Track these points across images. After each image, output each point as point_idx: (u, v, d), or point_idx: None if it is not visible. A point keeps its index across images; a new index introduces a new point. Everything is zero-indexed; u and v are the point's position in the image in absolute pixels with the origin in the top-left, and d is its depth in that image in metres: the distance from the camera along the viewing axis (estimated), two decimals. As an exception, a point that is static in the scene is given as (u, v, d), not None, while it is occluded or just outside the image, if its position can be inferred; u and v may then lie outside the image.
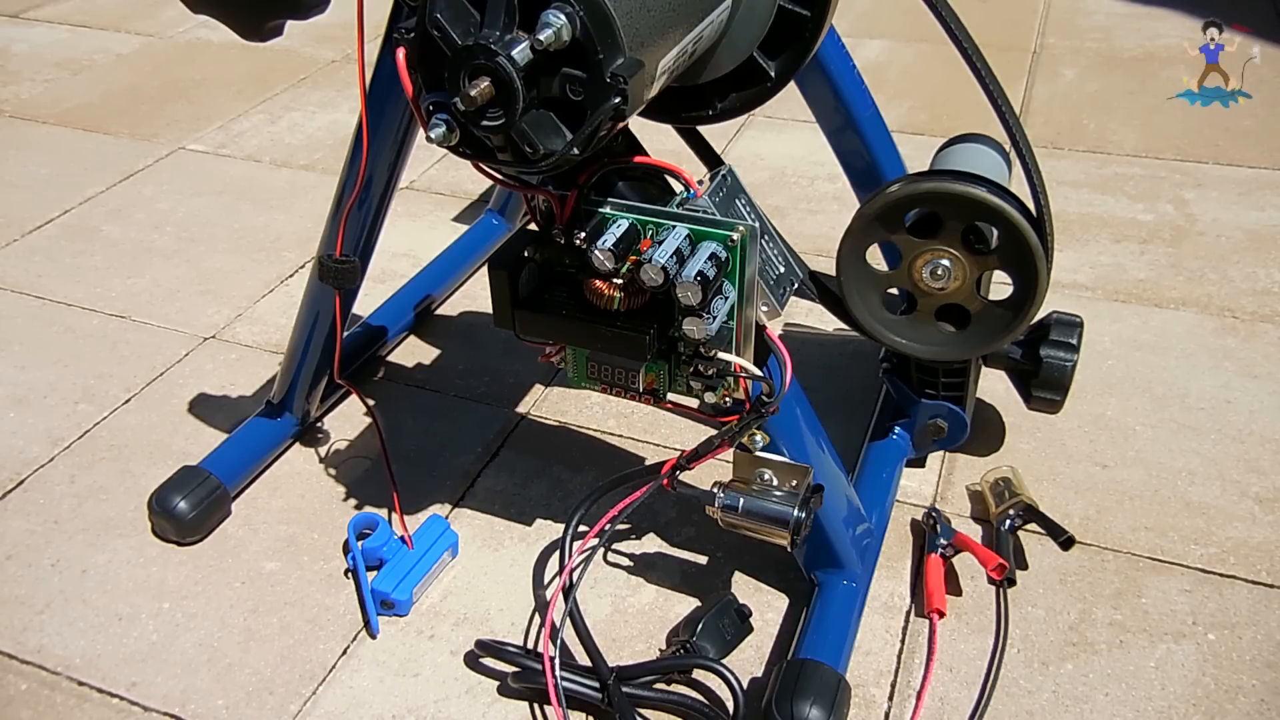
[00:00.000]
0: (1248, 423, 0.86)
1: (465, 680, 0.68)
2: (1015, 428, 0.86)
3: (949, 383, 0.77)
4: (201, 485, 0.79)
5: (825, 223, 1.18)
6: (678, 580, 0.75)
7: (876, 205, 0.64)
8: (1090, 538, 0.76)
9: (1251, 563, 0.74)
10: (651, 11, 0.40)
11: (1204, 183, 1.22)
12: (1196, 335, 0.97)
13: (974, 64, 0.59)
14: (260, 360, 1.00)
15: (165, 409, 0.94)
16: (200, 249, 1.19)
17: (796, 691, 0.61)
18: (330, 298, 0.75)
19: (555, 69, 0.39)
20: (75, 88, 1.63)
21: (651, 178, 0.52)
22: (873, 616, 0.71)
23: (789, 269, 0.56)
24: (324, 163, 1.37)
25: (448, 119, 0.41)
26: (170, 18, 1.86)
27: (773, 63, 0.51)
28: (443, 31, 0.39)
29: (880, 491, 0.78)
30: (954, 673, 0.67)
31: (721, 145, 1.34)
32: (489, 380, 0.96)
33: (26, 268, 1.16)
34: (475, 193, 1.27)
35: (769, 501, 0.58)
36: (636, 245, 0.48)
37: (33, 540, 0.80)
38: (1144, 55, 1.57)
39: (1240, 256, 1.08)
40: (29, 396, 0.96)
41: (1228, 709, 0.64)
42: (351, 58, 1.68)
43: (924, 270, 0.65)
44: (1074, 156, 1.30)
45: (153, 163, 1.39)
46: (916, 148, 0.90)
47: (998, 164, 0.73)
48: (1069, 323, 0.75)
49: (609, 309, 0.50)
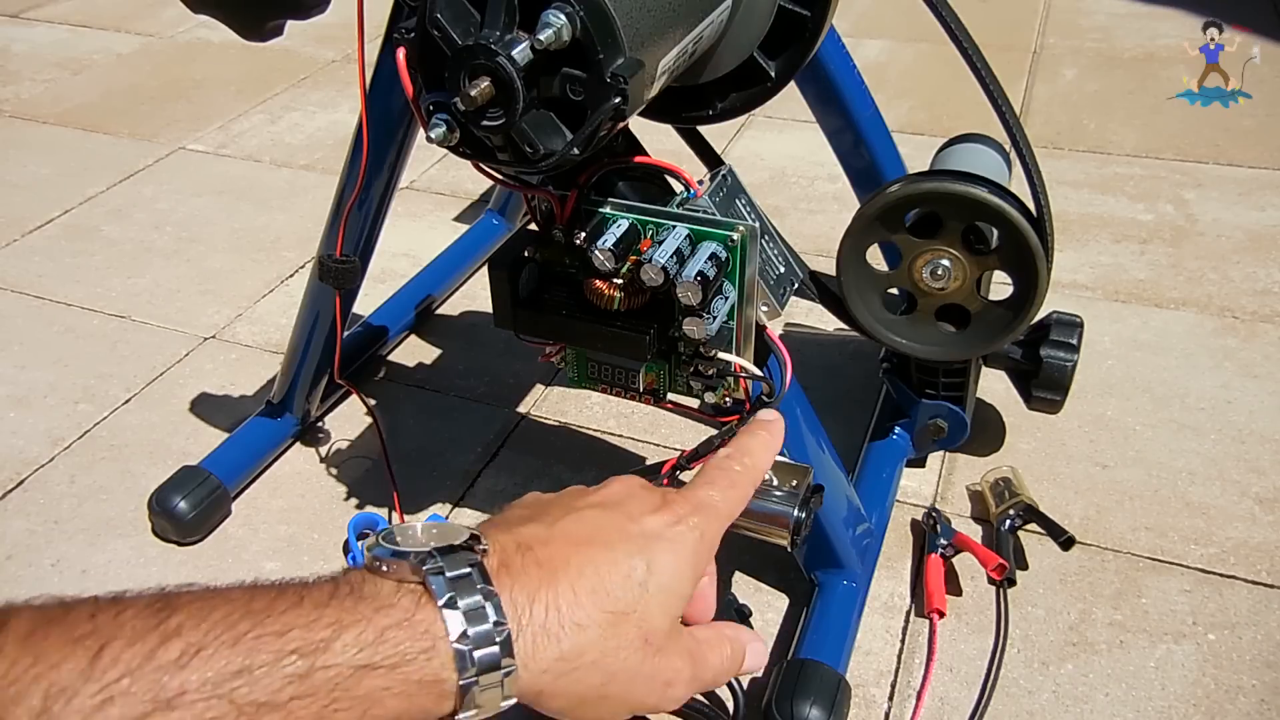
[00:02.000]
0: (1248, 423, 0.86)
1: (465, 680, 0.68)
2: (1015, 428, 0.86)
3: (949, 383, 0.77)
4: (201, 485, 0.79)
5: (825, 223, 1.18)
6: (678, 580, 0.75)
7: (876, 205, 0.63)
8: (1090, 538, 0.76)
9: (1251, 563, 0.74)
10: (652, 11, 0.40)
11: (1204, 183, 1.22)
12: (1196, 335, 0.97)
13: (974, 64, 0.59)
14: (260, 360, 1.00)
15: (165, 409, 0.94)
16: (200, 249, 1.19)
17: (796, 691, 0.61)
18: (330, 298, 0.75)
19: (555, 69, 0.39)
20: (75, 88, 1.63)
21: (651, 178, 0.52)
22: (873, 616, 0.71)
23: (789, 269, 0.55)
24: (324, 163, 1.37)
25: (448, 119, 0.41)
26: (170, 18, 1.86)
27: (773, 63, 0.51)
28: (443, 31, 0.39)
29: (880, 491, 0.78)
30: (954, 673, 0.67)
31: (721, 145, 1.34)
32: (489, 380, 0.96)
33: (26, 268, 1.16)
34: (475, 193, 1.27)
35: (769, 501, 0.58)
36: (636, 245, 0.48)
37: (33, 540, 0.80)
38: (1144, 55, 1.57)
39: (1240, 256, 1.08)
40: (29, 396, 0.96)
41: (1228, 709, 0.64)
42: (351, 58, 1.68)
43: (924, 270, 0.65)
44: (1074, 156, 1.30)
45: (153, 163, 1.39)
46: (916, 148, 0.90)
47: (998, 164, 0.73)
48: (1069, 323, 0.75)
49: (609, 309, 0.50)
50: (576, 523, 0.37)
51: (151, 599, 0.29)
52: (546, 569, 0.34)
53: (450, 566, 0.32)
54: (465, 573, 0.32)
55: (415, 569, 0.32)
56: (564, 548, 0.35)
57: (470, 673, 0.31)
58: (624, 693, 0.36)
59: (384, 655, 0.30)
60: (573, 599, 0.34)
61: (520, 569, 0.34)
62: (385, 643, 0.30)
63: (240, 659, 0.28)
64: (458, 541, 0.33)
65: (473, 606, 0.31)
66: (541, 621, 0.33)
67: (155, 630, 0.27)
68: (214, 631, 0.28)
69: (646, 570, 0.36)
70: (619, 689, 0.35)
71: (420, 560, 0.32)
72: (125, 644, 0.27)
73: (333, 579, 0.32)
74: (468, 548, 0.33)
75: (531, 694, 0.33)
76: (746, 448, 0.44)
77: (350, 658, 0.29)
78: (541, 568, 0.34)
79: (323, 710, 0.29)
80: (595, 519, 0.37)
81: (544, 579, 0.34)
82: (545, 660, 0.33)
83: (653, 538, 0.37)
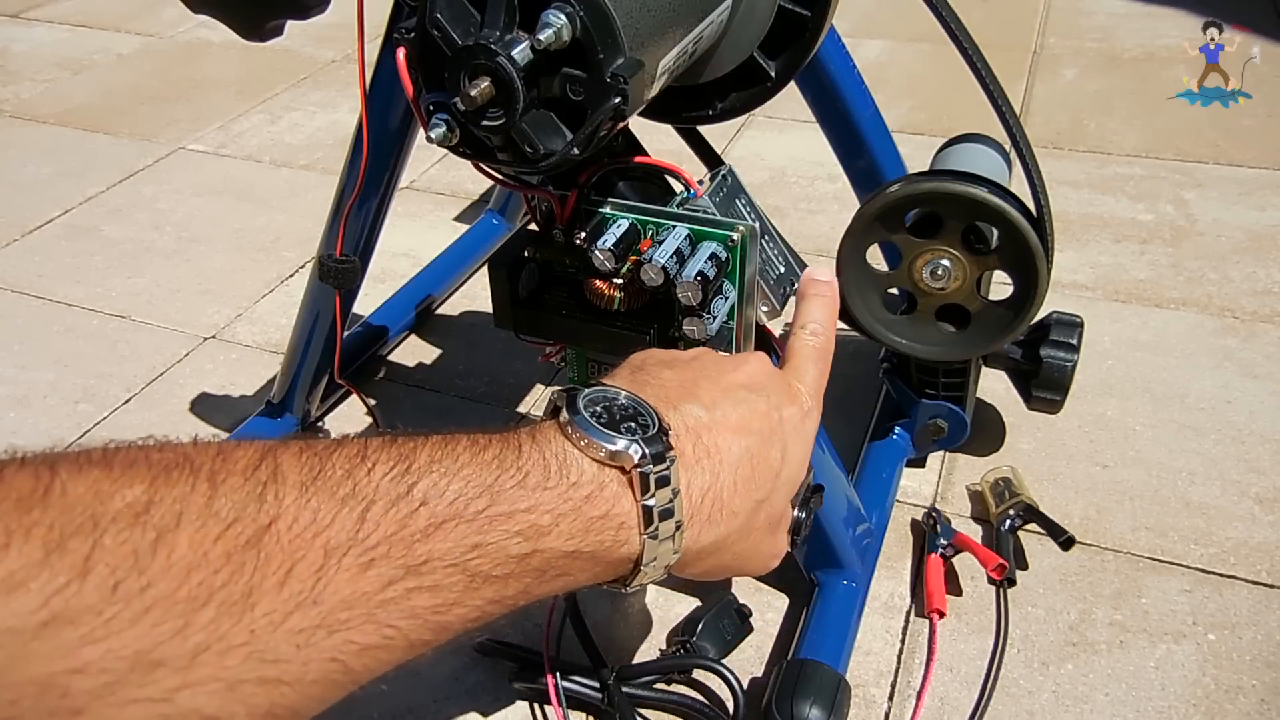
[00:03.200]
0: (1248, 423, 0.86)
1: (465, 680, 0.68)
2: (1015, 428, 0.86)
3: (949, 383, 0.77)
4: (201, 485, 0.79)
5: (825, 223, 1.18)
6: (678, 580, 0.75)
7: (876, 205, 0.63)
8: (1090, 538, 0.76)
9: (1251, 563, 0.74)
10: (652, 11, 0.40)
11: (1204, 183, 1.22)
12: (1196, 335, 0.97)
13: (974, 64, 0.59)
14: (260, 360, 1.00)
15: (165, 409, 0.94)
16: (200, 249, 1.19)
17: (796, 691, 0.61)
18: (330, 297, 0.75)
19: (555, 69, 0.39)
20: (75, 88, 1.63)
21: (652, 178, 0.52)
22: (873, 616, 0.71)
23: (789, 269, 0.56)
24: (324, 163, 1.37)
25: (448, 119, 0.41)
26: (170, 18, 1.86)
27: (773, 63, 0.51)
28: (443, 31, 0.39)
29: (880, 491, 0.78)
30: (954, 673, 0.67)
31: (721, 145, 1.34)
32: (489, 380, 0.96)
33: (26, 268, 1.16)
34: (475, 193, 1.27)
35: (769, 501, 0.58)
36: (636, 245, 0.48)
37: (33, 540, 0.80)
38: (1144, 55, 1.57)
39: (1240, 256, 1.08)
40: (29, 396, 0.96)
41: (1228, 709, 0.64)
42: (351, 58, 1.68)
43: (924, 270, 0.65)
44: (1074, 156, 1.30)
45: (153, 163, 1.39)
46: (916, 148, 0.90)
47: (998, 164, 0.73)
48: (1069, 323, 0.75)
49: (609, 309, 0.50)
50: (734, 408, 0.39)
51: (392, 458, 0.31)
52: (714, 459, 0.37)
53: (654, 464, 0.34)
54: (664, 474, 0.35)
55: (625, 458, 0.34)
56: (726, 436, 0.38)
57: (649, 558, 0.35)
58: (742, 564, 0.40)
59: (589, 544, 0.34)
60: (732, 489, 0.37)
61: (694, 461, 0.37)
62: (591, 532, 0.33)
63: (475, 536, 0.31)
64: (653, 431, 0.35)
65: (664, 504, 0.35)
66: (708, 513, 0.37)
67: (405, 498, 0.30)
68: (455, 505, 0.31)
69: (782, 460, 0.40)
70: (739, 562, 0.40)
71: (629, 449, 0.34)
72: (382, 510, 0.29)
73: (542, 454, 0.34)
74: (662, 439, 0.35)
75: (677, 567, 0.37)
76: (820, 319, 0.48)
77: (561, 544, 0.33)
78: (710, 458, 0.37)
79: (530, 584, 0.33)
80: (748, 405, 0.40)
81: (712, 472, 0.37)
82: (704, 543, 0.37)
83: (789, 429, 0.41)
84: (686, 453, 0.36)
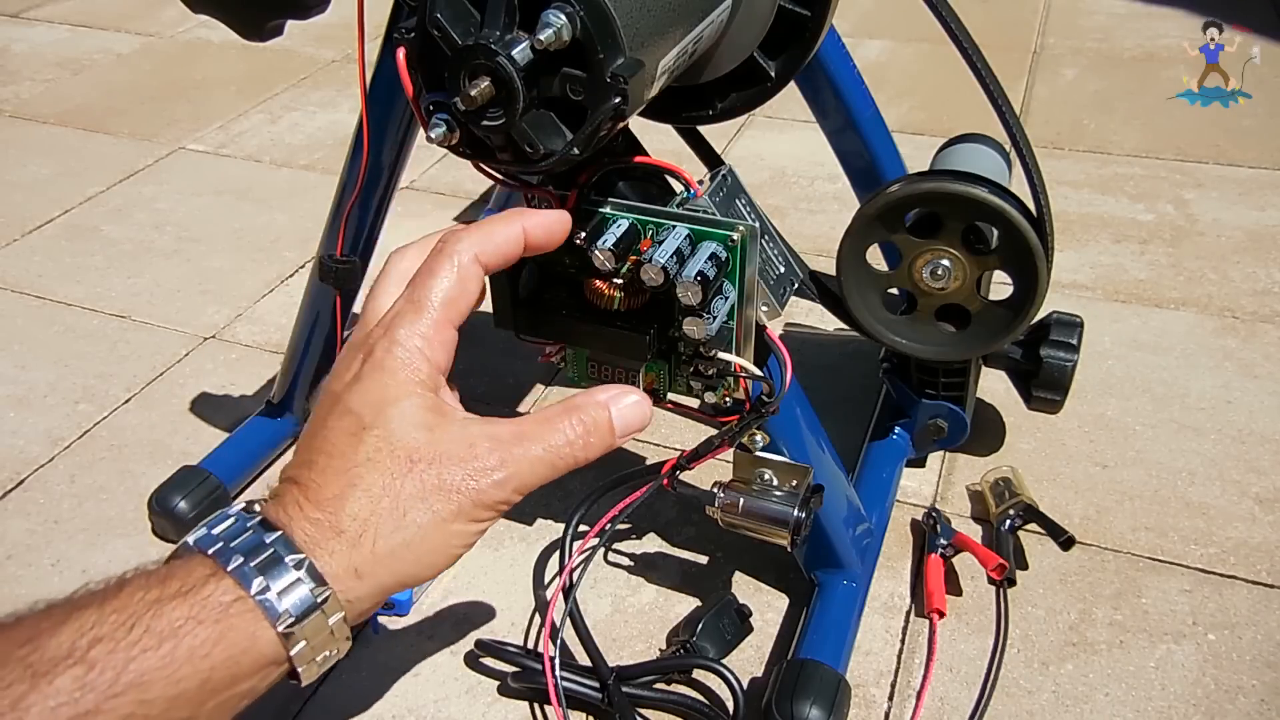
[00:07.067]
0: (1248, 423, 0.86)
1: (465, 680, 0.68)
2: (1015, 428, 0.86)
3: (949, 383, 0.77)
4: (201, 485, 0.79)
5: (825, 223, 1.18)
6: (678, 580, 0.75)
7: (876, 205, 0.64)
8: (1090, 538, 0.76)
9: (1251, 563, 0.74)
10: (652, 11, 0.40)
11: (1204, 183, 1.22)
12: (1196, 335, 0.97)
13: (974, 64, 0.59)
14: (260, 360, 1.00)
15: (165, 409, 0.94)
16: (200, 249, 1.19)
17: (796, 691, 0.61)
18: (330, 298, 0.75)
19: (555, 69, 0.39)
20: (75, 88, 1.63)
21: (652, 178, 0.52)
22: (873, 616, 0.71)
23: (789, 269, 0.55)
24: (324, 163, 1.37)
25: (448, 119, 0.41)
26: (170, 18, 1.86)
27: (773, 63, 0.51)
28: (443, 31, 0.39)
29: (880, 491, 0.78)
30: (954, 673, 0.67)
31: (721, 145, 1.34)
32: (489, 380, 0.96)
33: (26, 268, 1.16)
34: (475, 193, 1.27)
35: (769, 501, 0.58)
36: (636, 245, 0.48)
37: (33, 540, 0.80)
38: (1144, 55, 1.57)
39: (1240, 256, 1.08)
40: (29, 396, 0.96)
41: (1228, 709, 0.64)
42: (351, 58, 1.68)
43: (924, 270, 0.65)
44: (1074, 156, 1.30)
45: (153, 163, 1.39)
46: (916, 148, 0.90)
47: (998, 164, 0.73)
48: (1069, 323, 0.75)
49: (609, 309, 0.50)
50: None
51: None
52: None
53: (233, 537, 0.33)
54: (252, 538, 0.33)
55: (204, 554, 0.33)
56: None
57: (287, 621, 0.32)
58: (422, 547, 0.36)
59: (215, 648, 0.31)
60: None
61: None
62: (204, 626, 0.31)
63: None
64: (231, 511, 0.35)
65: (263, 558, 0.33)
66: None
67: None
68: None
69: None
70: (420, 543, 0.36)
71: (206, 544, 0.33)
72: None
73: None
74: (245, 512, 0.35)
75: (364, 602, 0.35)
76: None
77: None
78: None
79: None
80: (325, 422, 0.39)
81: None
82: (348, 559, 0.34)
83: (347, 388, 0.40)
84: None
